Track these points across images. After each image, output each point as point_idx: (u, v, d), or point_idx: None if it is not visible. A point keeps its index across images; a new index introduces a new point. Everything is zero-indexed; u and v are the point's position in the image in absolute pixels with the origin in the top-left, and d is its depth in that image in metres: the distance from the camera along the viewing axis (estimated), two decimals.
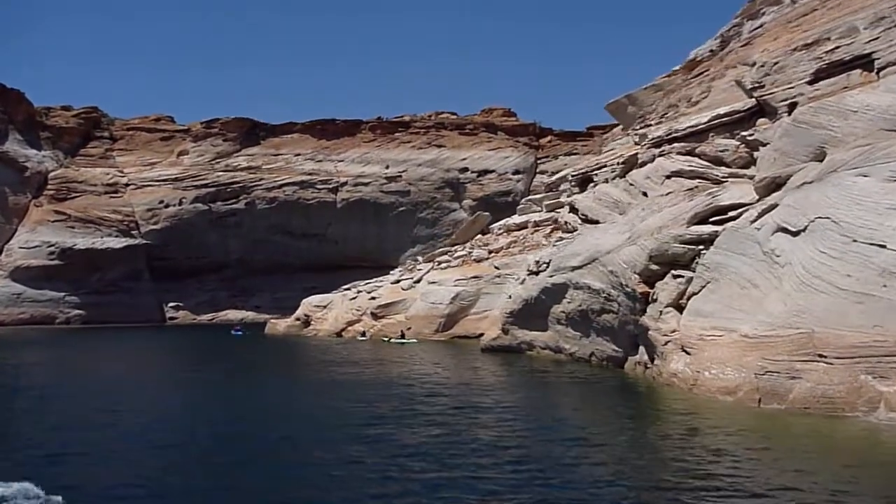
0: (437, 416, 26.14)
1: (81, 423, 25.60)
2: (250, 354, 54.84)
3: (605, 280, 37.50)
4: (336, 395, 30.90)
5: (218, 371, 43.39)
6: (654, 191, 37.19)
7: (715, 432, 22.62)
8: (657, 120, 41.08)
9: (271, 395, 32.66)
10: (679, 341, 31.02)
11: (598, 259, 38.32)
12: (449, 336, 60.74)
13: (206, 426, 25.35)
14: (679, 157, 36.36)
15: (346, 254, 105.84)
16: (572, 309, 40.70)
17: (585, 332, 40.33)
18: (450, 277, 63.12)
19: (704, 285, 31.31)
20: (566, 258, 41.50)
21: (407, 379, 36.32)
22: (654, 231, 34.01)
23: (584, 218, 40.68)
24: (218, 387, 36.10)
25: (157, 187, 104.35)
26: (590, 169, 42.32)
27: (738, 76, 35.49)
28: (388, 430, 23.73)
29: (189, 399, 32.18)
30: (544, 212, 66.70)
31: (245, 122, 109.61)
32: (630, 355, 37.15)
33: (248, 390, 34.44)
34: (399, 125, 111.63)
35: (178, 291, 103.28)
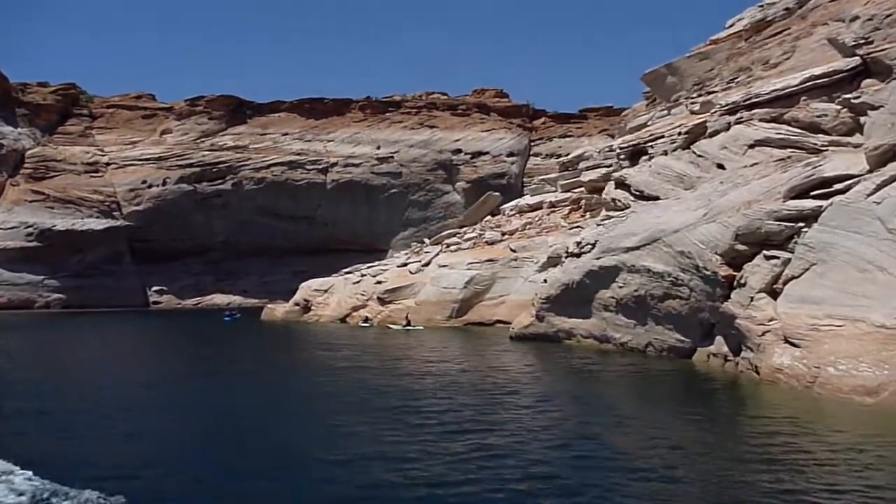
0: (486, 425, 21.75)
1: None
2: (250, 345, 49.78)
3: (670, 262, 32.88)
4: (366, 399, 25.93)
5: (227, 367, 38.34)
6: (733, 162, 32.59)
7: (873, 445, 18.12)
8: (723, 86, 36.54)
9: (294, 399, 27.57)
10: (781, 332, 26.45)
11: (660, 239, 33.69)
12: (463, 323, 55.94)
13: (226, 432, 20.95)
14: (763, 125, 31.80)
15: (336, 236, 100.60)
16: (625, 294, 36.08)
17: (641, 319, 35.73)
18: (462, 260, 58.28)
19: (808, 268, 26.76)
20: (617, 238, 36.85)
21: (441, 377, 31.36)
22: (739, 207, 29.37)
23: (639, 194, 36.14)
24: (231, 387, 31.09)
25: (139, 167, 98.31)
26: (642, 141, 37.75)
27: (830, 33, 30.92)
28: (436, 443, 19.38)
29: (190, 399, 27.48)
30: (559, 192, 62.02)
31: (231, 99, 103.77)
32: (700, 346, 32.62)
33: (262, 388, 29.53)
34: (390, 105, 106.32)
35: (161, 275, 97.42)
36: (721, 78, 37.77)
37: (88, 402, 25.93)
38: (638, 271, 34.96)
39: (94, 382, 31.66)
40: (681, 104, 40.01)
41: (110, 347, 49.10)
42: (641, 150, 38.19)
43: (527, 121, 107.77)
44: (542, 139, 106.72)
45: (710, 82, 38.23)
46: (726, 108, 34.03)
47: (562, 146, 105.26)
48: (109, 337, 56.63)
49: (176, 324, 72.35)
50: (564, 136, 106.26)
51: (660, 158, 36.11)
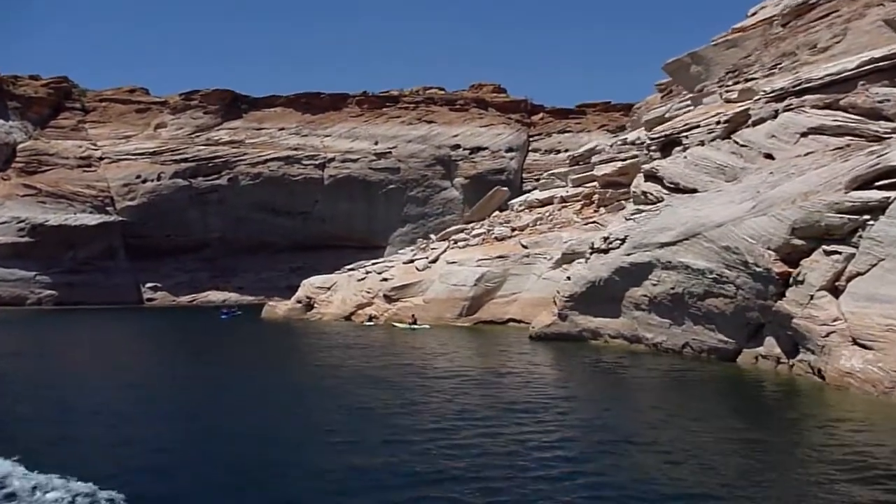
0: (515, 435, 19.49)
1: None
2: (250, 345, 47.13)
3: (713, 258, 30.58)
4: (387, 416, 23.44)
5: (226, 370, 35.89)
6: (784, 151, 30.28)
7: None
8: (764, 72, 34.26)
9: (296, 406, 25.07)
10: (848, 332, 24.20)
11: (700, 234, 31.39)
12: (473, 321, 53.58)
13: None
14: (817, 112, 29.50)
15: (334, 233, 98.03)
16: (660, 292, 33.80)
17: (677, 319, 33.45)
18: (471, 257, 55.89)
19: (875, 263, 24.51)
20: (651, 233, 34.56)
21: (468, 382, 28.93)
22: (794, 199, 27.06)
23: (674, 187, 33.85)
24: (228, 392, 28.60)
25: (133, 161, 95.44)
26: (675, 131, 35.48)
27: (888, 14, 28.67)
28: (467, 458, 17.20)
29: (183, 404, 25.10)
30: (570, 186, 59.73)
31: (226, 93, 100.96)
32: (746, 346, 30.34)
33: (258, 395, 26.95)
34: (387, 100, 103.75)
35: (155, 271, 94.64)
36: (761, 64, 35.53)
37: (70, 408, 23.77)
38: (674, 268, 32.68)
39: (80, 386, 29.17)
40: (713, 93, 37.80)
41: (101, 348, 46.20)
42: (674, 140, 35.95)
43: (525, 116, 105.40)
44: (541, 134, 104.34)
45: (748, 69, 35.98)
46: (772, 94, 31.74)
47: (561, 142, 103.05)
48: (101, 336, 53.82)
49: (171, 322, 69.66)
50: (564, 131, 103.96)
51: (696, 149, 33.84)
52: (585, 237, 50.27)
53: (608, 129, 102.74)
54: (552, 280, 50.67)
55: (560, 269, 50.76)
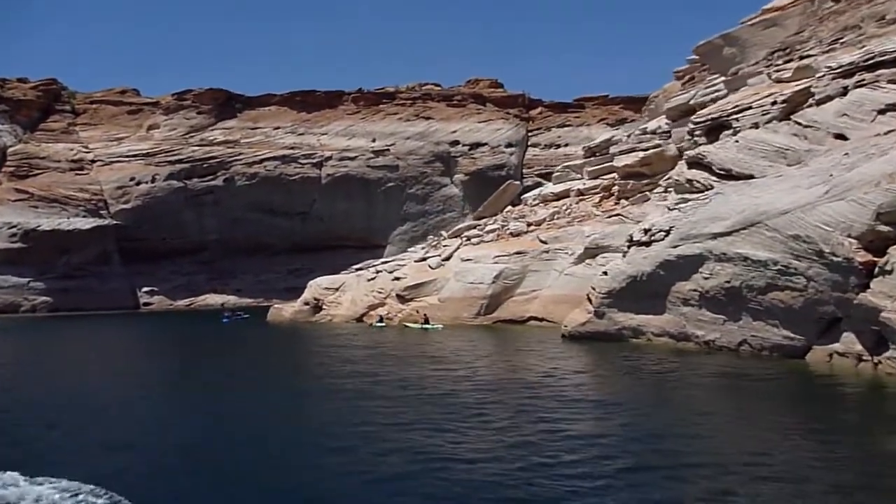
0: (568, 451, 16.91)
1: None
2: (259, 351, 44.18)
3: (777, 248, 27.90)
4: (418, 435, 20.52)
5: (235, 380, 32.93)
6: (859, 130, 27.63)
7: None
8: (823, 48, 31.56)
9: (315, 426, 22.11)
10: None
11: (761, 222, 28.71)
12: (492, 320, 50.82)
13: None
14: (894, 87, 26.79)
15: (333, 232, 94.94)
16: (713, 286, 31.08)
17: (733, 314, 30.74)
18: (487, 254, 53.12)
19: None
20: (701, 223, 31.82)
21: (497, 389, 26.14)
22: (878, 181, 24.37)
23: (725, 173, 31.16)
24: (236, 405, 25.62)
25: (126, 163, 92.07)
26: (724, 114, 32.73)
27: None
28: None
29: (187, 418, 22.25)
30: (586, 179, 57.00)
31: (219, 93, 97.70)
32: (817, 343, 27.64)
33: (266, 409, 23.98)
34: (384, 96, 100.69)
35: (151, 275, 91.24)
36: (818, 40, 32.87)
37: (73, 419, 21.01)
38: (730, 260, 29.98)
39: (83, 398, 26.17)
40: (758, 73, 35.14)
41: (99, 357, 43.00)
42: (722, 124, 33.24)
43: (523, 111, 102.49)
44: (541, 129, 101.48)
45: (802, 46, 33.34)
46: (839, 70, 29.10)
47: (561, 136, 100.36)
48: (98, 344, 50.62)
49: (170, 327, 66.51)
50: (563, 125, 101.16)
51: (749, 132, 31.17)
52: (610, 230, 47.69)
53: (608, 123, 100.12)
54: (575, 276, 48.06)
55: (583, 264, 48.16)
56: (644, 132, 52.40)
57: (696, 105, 47.90)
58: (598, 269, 46.63)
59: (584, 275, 47.52)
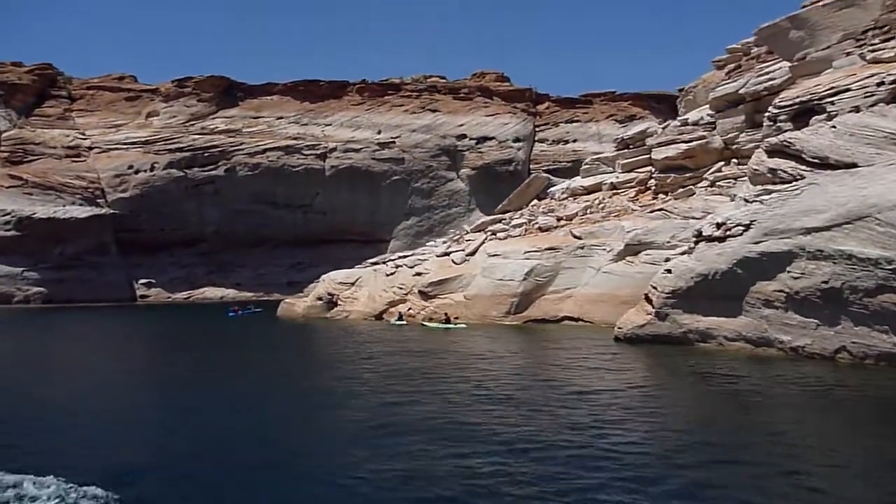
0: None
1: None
2: (278, 354, 40.13)
3: (891, 245, 24.26)
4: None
5: (265, 383, 28.95)
6: None
7: None
8: None
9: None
10: None
11: (870, 216, 25.05)
12: (522, 319, 46.92)
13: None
14: None
15: (335, 226, 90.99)
16: (805, 286, 27.34)
17: (830, 318, 26.99)
18: (516, 249, 49.27)
19: None
20: (790, 217, 28.08)
21: (547, 407, 22.26)
22: None
23: (820, 162, 27.52)
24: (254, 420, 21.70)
25: (124, 151, 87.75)
26: (815, 97, 29.18)
27: None
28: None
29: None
30: (619, 172, 53.30)
31: (221, 81, 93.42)
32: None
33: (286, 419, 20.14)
34: (389, 87, 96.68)
35: (149, 267, 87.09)
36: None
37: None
38: (828, 258, 26.28)
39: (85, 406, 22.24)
40: (849, 53, 31.58)
41: (89, 353, 39.01)
42: (812, 108, 29.67)
43: (530, 105, 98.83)
44: (548, 124, 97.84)
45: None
46: None
47: (569, 132, 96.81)
48: (92, 339, 46.55)
49: (170, 321, 62.30)
50: (571, 121, 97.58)
51: (849, 117, 27.50)
52: (653, 226, 43.99)
53: (616, 119, 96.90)
54: (614, 274, 44.33)
55: (623, 261, 44.45)
56: (684, 124, 48.74)
57: (748, 94, 44.34)
58: (640, 267, 43.20)
59: (625, 273, 43.89)
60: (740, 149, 44.93)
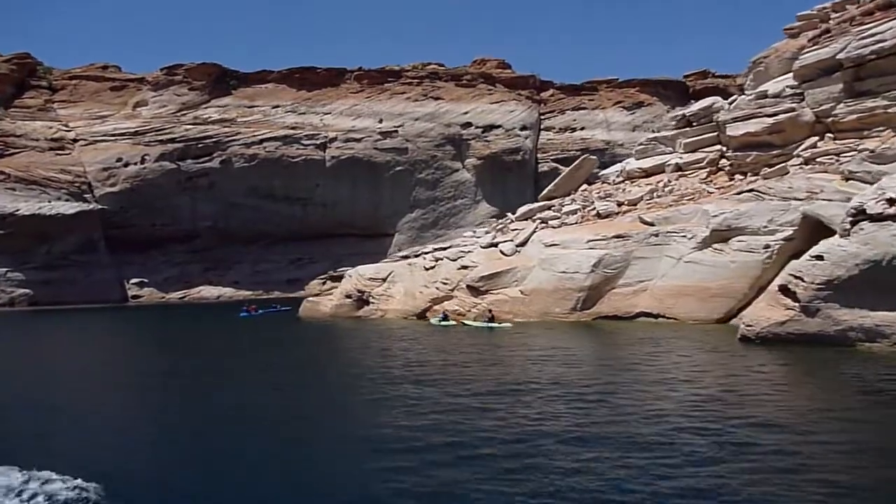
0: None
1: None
2: (327, 369, 33.25)
3: None
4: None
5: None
6: None
7: None
8: None
9: None
10: None
11: None
12: (591, 316, 40.55)
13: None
14: None
15: (336, 219, 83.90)
16: None
17: None
18: (577, 238, 42.83)
19: None
20: None
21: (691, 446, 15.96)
22: None
23: None
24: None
25: (112, 143, 79.74)
26: None
27: None
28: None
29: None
30: (681, 151, 47.05)
31: (213, 68, 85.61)
32: None
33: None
34: (389, 74, 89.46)
35: (141, 265, 79.35)
36: None
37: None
38: None
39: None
40: None
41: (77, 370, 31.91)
42: None
43: (534, 93, 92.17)
44: (554, 112, 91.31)
45: None
46: None
47: (576, 119, 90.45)
48: (83, 348, 39.36)
49: (170, 324, 55.13)
50: (578, 108, 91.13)
51: None
52: (744, 209, 37.74)
53: (624, 106, 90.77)
54: (701, 264, 38.14)
55: (710, 249, 38.21)
56: (762, 97, 42.54)
57: (847, 60, 38.25)
58: (733, 255, 37.01)
59: (715, 262, 37.67)
60: (837, 121, 38.90)
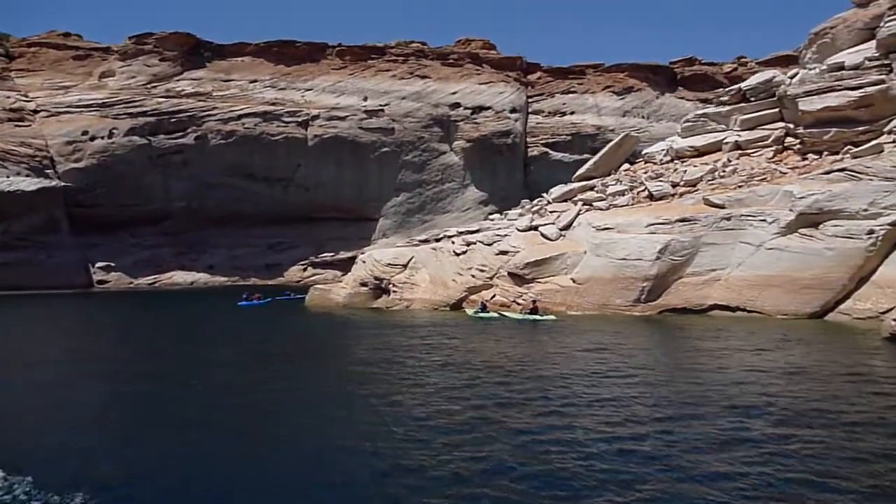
0: None
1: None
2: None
3: None
4: None
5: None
6: None
7: None
8: None
9: None
10: None
11: None
12: (657, 309, 35.18)
13: None
14: None
15: (319, 202, 77.33)
16: None
17: None
18: (634, 221, 37.36)
19: None
20: None
21: None
22: None
23: None
24: None
25: (76, 115, 71.82)
26: None
27: None
28: None
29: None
30: (737, 129, 41.83)
31: (186, 38, 78.07)
32: None
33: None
34: (372, 51, 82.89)
35: (108, 248, 71.70)
36: None
37: None
38: None
39: None
40: None
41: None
42: None
43: (521, 75, 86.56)
44: (542, 95, 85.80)
45: None
46: None
47: (566, 103, 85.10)
48: (48, 349, 32.28)
49: (145, 314, 47.72)
50: (567, 91, 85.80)
51: None
52: (839, 190, 32.61)
53: (614, 91, 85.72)
54: (788, 251, 33.01)
55: (797, 234, 33.06)
56: (838, 68, 37.52)
57: None
58: (829, 242, 31.97)
59: (806, 249, 32.53)
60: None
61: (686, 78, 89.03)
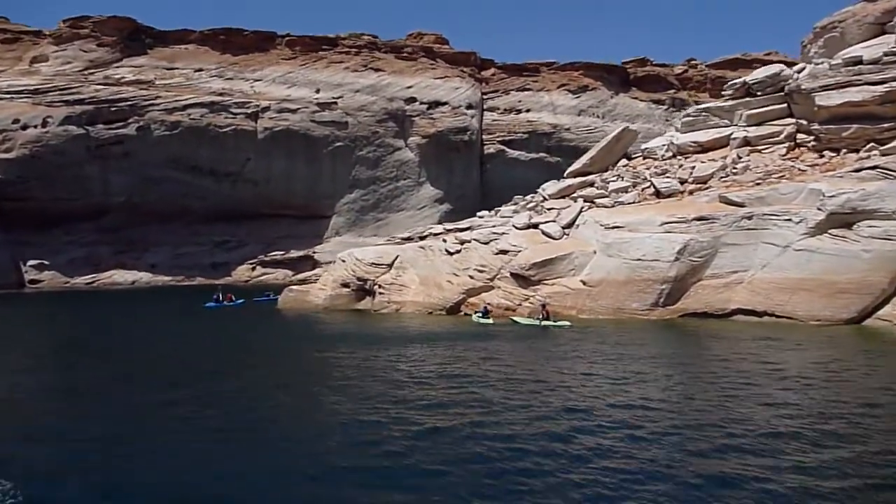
0: None
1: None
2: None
3: None
4: None
5: None
6: None
7: None
8: None
9: None
10: None
11: None
12: (675, 313, 32.40)
13: None
14: None
15: (269, 198, 72.64)
16: None
17: None
18: (646, 219, 34.50)
19: None
20: None
21: None
22: None
23: None
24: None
25: (6, 101, 65.70)
26: None
27: None
28: None
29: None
30: (742, 124, 39.46)
31: (125, 22, 72.58)
32: None
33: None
34: (324, 42, 78.63)
35: (40, 245, 65.81)
36: None
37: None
38: None
39: None
40: None
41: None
42: None
43: (476, 71, 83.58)
44: (497, 92, 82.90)
45: None
46: None
47: (522, 100, 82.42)
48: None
49: (84, 317, 42.77)
50: (523, 89, 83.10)
51: None
52: (873, 189, 30.34)
53: (569, 90, 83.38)
54: (819, 252, 30.59)
55: (827, 235, 30.69)
56: (855, 62, 35.40)
57: None
58: (865, 243, 29.75)
59: (840, 251, 30.14)
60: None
61: (639, 78, 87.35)
